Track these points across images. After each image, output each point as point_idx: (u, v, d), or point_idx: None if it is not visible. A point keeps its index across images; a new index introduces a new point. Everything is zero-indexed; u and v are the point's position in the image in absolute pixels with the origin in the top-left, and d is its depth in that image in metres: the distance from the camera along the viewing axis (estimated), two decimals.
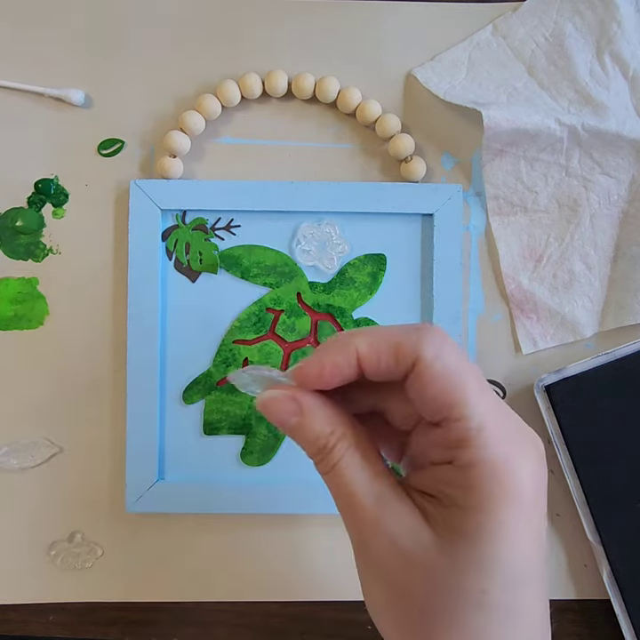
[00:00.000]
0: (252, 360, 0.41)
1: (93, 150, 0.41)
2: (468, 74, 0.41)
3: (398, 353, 0.22)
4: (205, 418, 0.41)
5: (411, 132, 0.41)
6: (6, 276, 0.41)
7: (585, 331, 0.41)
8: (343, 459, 0.23)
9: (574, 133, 0.39)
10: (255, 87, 0.40)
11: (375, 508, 0.23)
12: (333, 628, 0.41)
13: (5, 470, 0.40)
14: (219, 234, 0.41)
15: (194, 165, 0.41)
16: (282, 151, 0.41)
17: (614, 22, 0.40)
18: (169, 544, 0.41)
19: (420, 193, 0.40)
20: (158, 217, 0.39)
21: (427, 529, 0.22)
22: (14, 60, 0.41)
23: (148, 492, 0.39)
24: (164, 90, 0.41)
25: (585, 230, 0.41)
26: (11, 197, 0.41)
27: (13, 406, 0.40)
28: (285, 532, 0.41)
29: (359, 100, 0.40)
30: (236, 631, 0.41)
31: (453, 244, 0.40)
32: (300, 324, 0.41)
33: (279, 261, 0.41)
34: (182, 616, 0.41)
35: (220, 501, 0.39)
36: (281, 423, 0.24)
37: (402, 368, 0.23)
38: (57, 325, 0.41)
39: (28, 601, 0.40)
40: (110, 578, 0.40)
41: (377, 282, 0.41)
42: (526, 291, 0.41)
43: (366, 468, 0.23)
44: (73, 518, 0.40)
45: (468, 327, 0.41)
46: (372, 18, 0.41)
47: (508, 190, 0.41)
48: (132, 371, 0.39)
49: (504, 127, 0.38)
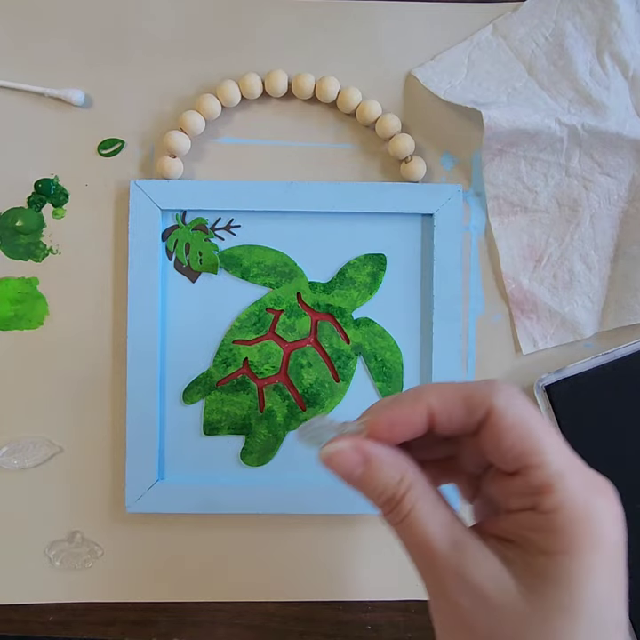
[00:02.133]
0: (252, 360, 0.41)
1: (93, 150, 0.41)
2: (468, 74, 0.41)
3: (470, 405, 0.23)
4: (205, 418, 0.41)
5: (411, 132, 0.41)
6: (6, 276, 0.41)
7: (585, 331, 0.41)
8: (415, 508, 0.23)
9: (574, 133, 0.39)
10: (255, 87, 0.40)
11: (453, 555, 0.22)
12: (333, 628, 0.41)
13: (5, 470, 0.40)
14: (219, 234, 0.41)
15: (194, 165, 0.41)
16: (282, 151, 0.41)
17: (614, 22, 0.40)
18: (169, 544, 0.41)
19: (420, 193, 0.40)
20: (158, 217, 0.39)
21: (508, 575, 0.22)
22: (14, 60, 0.41)
23: (147, 492, 0.39)
24: (164, 90, 0.41)
25: (585, 230, 0.41)
26: (11, 197, 0.41)
27: (13, 406, 0.40)
28: (285, 532, 0.41)
29: (359, 99, 0.40)
30: (236, 631, 0.41)
31: (453, 244, 0.40)
32: (300, 324, 0.41)
33: (279, 261, 0.41)
34: (182, 616, 0.41)
35: (220, 501, 0.39)
36: (346, 475, 0.24)
37: (473, 420, 0.23)
38: (57, 325, 0.41)
39: (28, 601, 0.40)
40: (110, 578, 0.40)
41: (377, 282, 0.41)
42: (526, 291, 0.41)
43: (439, 516, 0.23)
44: (73, 518, 0.40)
45: (468, 327, 0.41)
46: (372, 18, 0.41)
47: (508, 190, 0.41)
48: (132, 371, 0.39)
49: (504, 127, 0.38)
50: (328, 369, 0.41)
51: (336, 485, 0.39)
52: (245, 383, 0.41)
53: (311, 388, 0.41)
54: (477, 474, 0.26)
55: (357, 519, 0.41)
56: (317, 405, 0.41)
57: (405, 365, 0.41)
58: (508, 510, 0.23)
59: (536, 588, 0.21)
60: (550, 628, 0.21)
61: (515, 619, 0.21)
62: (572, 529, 0.21)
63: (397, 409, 0.24)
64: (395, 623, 0.41)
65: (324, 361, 0.41)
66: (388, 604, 0.41)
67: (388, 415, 0.24)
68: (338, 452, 0.24)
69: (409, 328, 0.41)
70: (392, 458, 0.24)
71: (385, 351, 0.41)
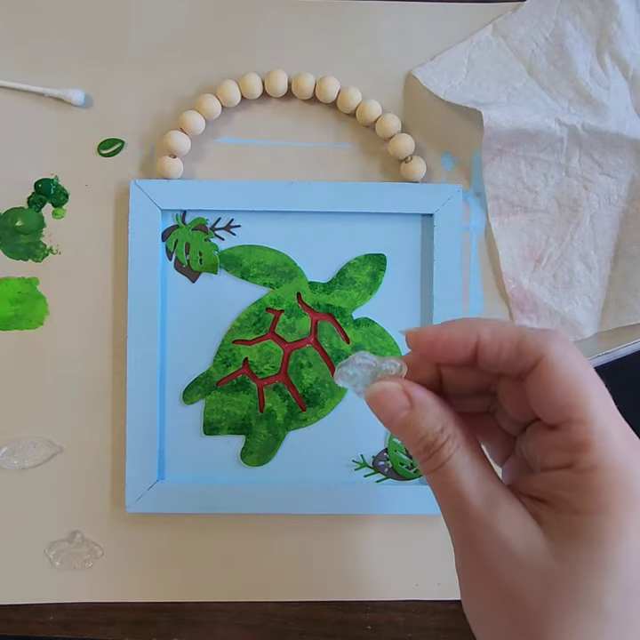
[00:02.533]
0: (252, 360, 0.41)
1: (93, 150, 0.41)
2: (468, 74, 0.41)
3: (521, 347, 0.22)
4: (205, 418, 0.41)
5: (411, 132, 0.41)
6: (6, 276, 0.41)
7: (585, 331, 0.41)
8: (452, 457, 0.23)
9: (574, 133, 0.39)
10: (255, 87, 0.40)
11: (485, 509, 0.22)
12: (333, 628, 0.41)
13: (5, 470, 0.40)
14: (219, 234, 0.41)
15: (194, 165, 0.41)
16: (282, 151, 0.41)
17: (614, 22, 0.40)
18: (169, 544, 0.41)
19: (420, 193, 0.40)
20: (158, 217, 0.39)
21: (540, 533, 0.22)
22: (14, 60, 0.41)
23: (148, 492, 0.39)
24: (164, 90, 0.41)
25: (585, 230, 0.41)
26: (11, 197, 0.41)
27: (13, 406, 0.40)
28: (285, 532, 0.41)
29: (359, 100, 0.40)
30: (236, 631, 0.41)
31: (453, 244, 0.40)
32: (300, 324, 0.41)
33: (279, 261, 0.41)
34: (182, 616, 0.41)
35: (220, 501, 0.39)
36: (390, 417, 0.24)
37: (522, 364, 0.23)
38: (57, 325, 0.41)
39: (28, 601, 0.40)
40: (110, 578, 0.40)
41: (377, 282, 0.41)
42: (526, 291, 0.41)
43: (476, 468, 0.23)
44: (73, 518, 0.40)
45: None
46: (372, 18, 0.41)
47: (508, 190, 0.41)
48: (132, 371, 0.39)
49: (504, 127, 0.38)
50: (328, 369, 0.41)
51: (336, 485, 0.39)
52: (245, 383, 0.41)
53: (311, 388, 0.41)
54: (512, 433, 0.26)
55: (357, 519, 0.41)
56: (317, 405, 0.41)
57: None
58: (543, 468, 0.23)
59: (568, 546, 0.21)
60: (581, 585, 0.20)
61: (544, 576, 0.21)
62: (608, 489, 0.21)
63: (446, 327, 0.24)
64: (395, 623, 0.41)
65: (324, 361, 0.41)
66: (387, 603, 0.41)
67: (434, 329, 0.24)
68: (384, 392, 0.24)
69: None
70: (437, 407, 0.24)
71: (385, 351, 0.41)
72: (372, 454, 0.41)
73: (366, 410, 0.25)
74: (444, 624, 0.41)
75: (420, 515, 0.40)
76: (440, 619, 0.41)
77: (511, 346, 0.23)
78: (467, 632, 0.24)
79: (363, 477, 0.40)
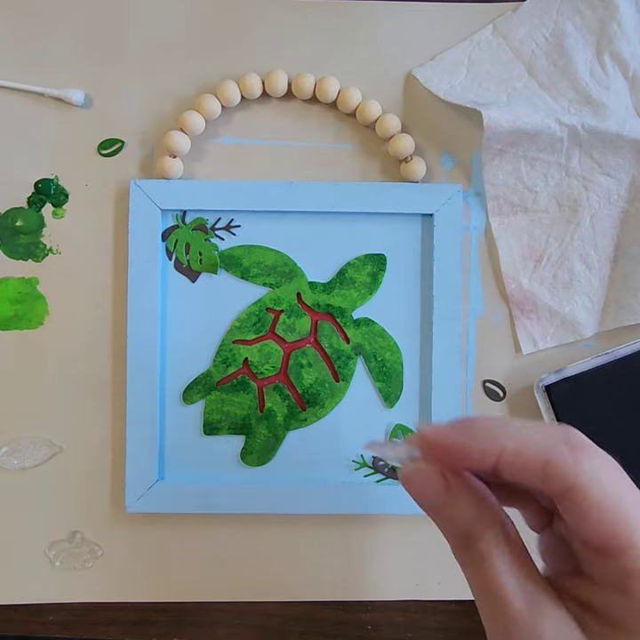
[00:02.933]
0: (252, 360, 0.41)
1: (93, 150, 0.41)
2: (468, 74, 0.41)
3: (547, 472, 0.21)
4: (205, 418, 0.41)
5: (411, 132, 0.41)
6: (6, 276, 0.41)
7: (585, 331, 0.41)
8: (492, 553, 0.21)
9: (574, 133, 0.39)
10: (255, 87, 0.40)
11: (529, 613, 0.21)
12: (333, 628, 0.41)
13: (5, 470, 0.40)
14: (219, 234, 0.41)
15: (194, 165, 0.41)
16: (282, 151, 0.41)
17: (614, 22, 0.40)
18: (169, 544, 0.41)
19: (420, 193, 0.40)
20: (158, 217, 0.39)
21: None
22: (14, 60, 0.41)
23: (148, 492, 0.39)
24: (164, 90, 0.41)
25: (585, 230, 0.41)
26: (11, 197, 0.41)
27: (13, 406, 0.40)
28: (285, 532, 0.41)
29: (359, 100, 0.40)
30: (236, 631, 0.41)
31: (453, 244, 0.40)
32: (300, 324, 0.41)
33: (279, 261, 0.41)
34: (182, 616, 0.41)
35: (219, 501, 0.39)
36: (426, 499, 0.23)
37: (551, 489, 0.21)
38: (57, 325, 0.41)
39: (28, 601, 0.40)
40: (110, 578, 0.40)
41: (377, 282, 0.41)
42: (526, 291, 0.41)
43: (517, 566, 0.21)
44: (73, 518, 0.40)
45: (468, 327, 0.41)
46: (372, 18, 0.41)
47: (508, 190, 0.41)
48: (132, 371, 0.39)
49: (504, 127, 0.38)
50: (328, 369, 0.41)
51: (336, 485, 0.39)
52: (245, 383, 0.41)
53: (311, 388, 0.41)
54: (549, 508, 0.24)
55: (357, 519, 0.41)
56: (317, 405, 0.41)
57: (405, 365, 0.41)
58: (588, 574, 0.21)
59: None
60: None
61: None
62: None
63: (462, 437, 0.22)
64: (395, 623, 0.41)
65: (323, 361, 0.41)
66: (387, 603, 0.41)
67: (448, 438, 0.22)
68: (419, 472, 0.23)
69: (409, 328, 0.41)
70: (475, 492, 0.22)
71: (385, 351, 0.41)
72: (372, 454, 0.41)
73: (366, 410, 0.25)
74: (443, 624, 0.41)
75: (420, 515, 0.40)
76: (440, 619, 0.41)
77: (535, 468, 0.21)
78: (467, 632, 0.24)
79: (363, 477, 0.40)
